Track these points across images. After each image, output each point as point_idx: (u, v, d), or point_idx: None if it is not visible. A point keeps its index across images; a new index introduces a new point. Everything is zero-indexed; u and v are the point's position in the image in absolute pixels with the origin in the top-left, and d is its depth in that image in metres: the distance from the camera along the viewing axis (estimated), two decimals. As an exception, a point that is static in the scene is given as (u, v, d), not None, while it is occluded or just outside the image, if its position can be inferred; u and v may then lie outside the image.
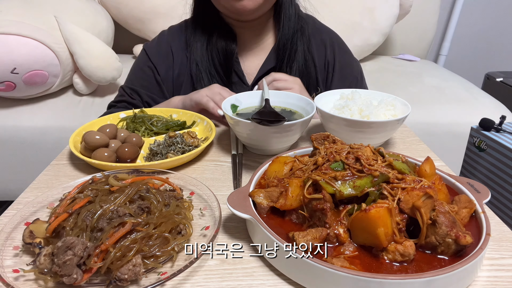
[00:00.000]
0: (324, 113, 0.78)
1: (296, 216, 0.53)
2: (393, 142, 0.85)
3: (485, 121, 1.05)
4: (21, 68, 1.38)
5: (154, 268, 0.47)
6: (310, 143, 0.69)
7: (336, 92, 0.89)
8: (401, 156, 0.58)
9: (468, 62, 2.74)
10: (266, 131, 0.72)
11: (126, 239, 0.46)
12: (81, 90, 1.63)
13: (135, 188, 0.53)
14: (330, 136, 0.63)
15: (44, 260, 0.44)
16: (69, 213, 0.50)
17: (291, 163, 0.61)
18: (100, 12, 1.81)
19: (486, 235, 0.48)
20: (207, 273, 0.48)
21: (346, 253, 0.47)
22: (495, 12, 2.57)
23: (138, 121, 0.88)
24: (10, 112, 1.55)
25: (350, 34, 1.90)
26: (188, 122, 0.91)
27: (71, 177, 0.70)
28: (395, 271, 0.45)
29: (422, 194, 0.47)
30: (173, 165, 0.73)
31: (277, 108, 0.86)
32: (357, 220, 0.47)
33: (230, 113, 0.78)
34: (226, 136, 0.87)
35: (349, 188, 0.50)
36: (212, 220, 0.55)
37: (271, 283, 0.47)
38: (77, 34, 1.51)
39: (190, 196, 0.61)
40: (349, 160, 0.53)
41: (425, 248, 0.48)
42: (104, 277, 0.46)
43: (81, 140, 0.75)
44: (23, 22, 1.41)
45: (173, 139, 0.80)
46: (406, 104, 0.81)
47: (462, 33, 2.61)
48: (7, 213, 0.60)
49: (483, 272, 0.48)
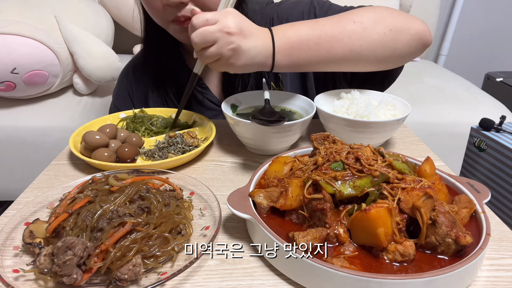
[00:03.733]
0: (324, 113, 0.78)
1: (296, 216, 0.53)
2: (393, 142, 0.85)
3: (485, 121, 1.05)
4: (21, 68, 1.38)
5: (154, 268, 0.47)
6: (310, 143, 0.69)
7: (336, 92, 0.89)
8: (401, 156, 0.58)
9: (468, 62, 2.74)
10: (266, 131, 0.72)
11: (126, 239, 0.46)
12: (81, 90, 1.63)
13: (135, 188, 0.53)
14: (330, 136, 0.63)
15: (44, 260, 0.44)
16: (69, 213, 0.50)
17: (291, 163, 0.61)
18: (100, 12, 1.82)
19: (486, 235, 0.48)
20: (207, 273, 0.48)
21: (346, 253, 0.47)
22: (495, 12, 2.57)
23: (138, 121, 0.88)
24: (10, 112, 1.55)
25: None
26: (188, 122, 0.91)
27: (71, 177, 0.70)
28: (395, 271, 0.45)
29: (422, 194, 0.47)
30: (173, 165, 0.73)
31: (277, 108, 0.86)
32: (357, 220, 0.47)
33: (230, 113, 0.78)
34: (226, 136, 0.87)
35: (349, 188, 0.50)
36: (212, 220, 0.55)
37: (271, 283, 0.47)
38: (77, 34, 1.51)
39: (190, 196, 0.61)
40: (349, 160, 0.53)
41: (425, 248, 0.48)
42: (104, 277, 0.46)
43: (81, 140, 0.75)
44: (23, 22, 1.41)
45: (173, 139, 0.80)
46: (406, 104, 0.81)
47: (462, 33, 2.61)
48: (7, 213, 0.60)
49: (483, 272, 0.48)
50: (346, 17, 0.75)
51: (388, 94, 0.87)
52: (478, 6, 2.54)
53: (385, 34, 0.75)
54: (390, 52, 0.78)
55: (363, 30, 0.74)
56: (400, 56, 0.80)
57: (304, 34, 0.72)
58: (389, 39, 0.76)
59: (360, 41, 0.74)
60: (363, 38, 0.74)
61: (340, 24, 0.74)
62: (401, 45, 0.78)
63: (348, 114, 0.79)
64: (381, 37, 0.75)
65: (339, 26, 0.73)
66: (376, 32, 0.74)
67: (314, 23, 0.74)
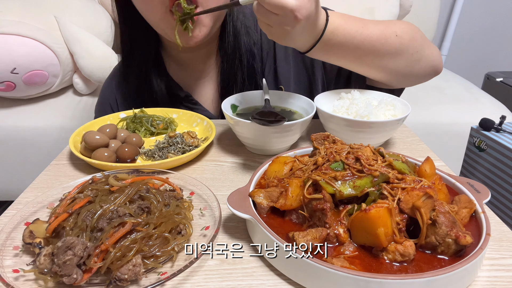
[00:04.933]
0: (324, 113, 0.78)
1: (296, 216, 0.53)
2: (393, 142, 0.85)
3: (485, 121, 1.05)
4: (21, 68, 1.38)
5: (154, 268, 0.47)
6: (310, 143, 0.69)
7: (336, 92, 0.89)
8: (401, 156, 0.58)
9: (468, 62, 2.74)
10: (266, 131, 0.72)
11: (126, 239, 0.46)
12: (81, 90, 1.63)
13: (135, 188, 0.53)
14: (330, 136, 0.63)
15: (44, 260, 0.44)
16: (69, 213, 0.50)
17: (291, 163, 0.61)
18: (100, 12, 1.82)
19: (486, 235, 0.48)
20: (207, 273, 0.48)
21: (346, 253, 0.47)
22: (495, 12, 2.57)
23: (138, 121, 0.88)
24: (10, 112, 1.55)
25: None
26: (189, 122, 0.91)
27: (71, 177, 0.70)
28: (395, 271, 0.45)
29: (422, 194, 0.47)
30: (173, 165, 0.73)
31: (277, 108, 0.86)
32: (357, 220, 0.47)
33: (230, 113, 0.78)
34: (226, 136, 0.87)
35: (349, 188, 0.50)
36: (212, 220, 0.55)
37: (271, 283, 0.47)
38: (77, 34, 1.52)
39: (190, 196, 0.61)
40: (349, 160, 0.53)
41: (425, 248, 0.48)
42: (104, 277, 0.46)
43: (81, 140, 0.75)
44: (23, 22, 1.41)
45: (173, 139, 0.80)
46: (406, 104, 0.81)
47: (462, 33, 2.61)
48: (7, 213, 0.60)
49: (483, 272, 0.48)
50: (390, 29, 0.77)
51: (388, 94, 0.87)
52: (478, 6, 2.54)
53: (412, 54, 0.79)
54: (409, 72, 0.82)
55: (400, 45, 0.77)
56: (414, 76, 0.85)
57: (351, 34, 0.73)
58: (414, 60, 0.80)
59: (393, 56, 0.78)
60: (396, 53, 0.77)
61: (383, 35, 0.76)
62: (419, 68, 0.82)
63: (348, 114, 0.79)
64: (409, 57, 0.79)
65: (383, 37, 0.75)
66: (407, 51, 0.78)
67: (363, 26, 0.75)
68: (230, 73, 0.96)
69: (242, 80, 0.97)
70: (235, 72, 0.96)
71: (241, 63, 0.96)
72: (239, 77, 0.97)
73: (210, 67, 1.02)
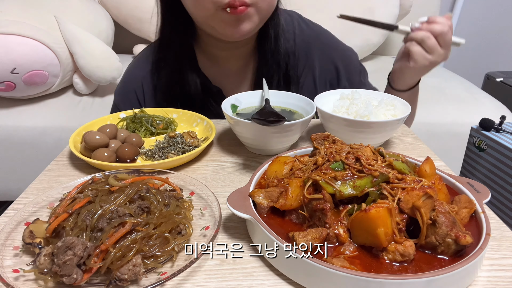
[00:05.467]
0: (324, 113, 0.78)
1: (296, 216, 0.53)
2: (393, 142, 0.85)
3: (485, 121, 1.05)
4: (21, 68, 1.38)
5: (154, 268, 0.47)
6: (310, 143, 0.69)
7: (336, 92, 0.89)
8: (401, 156, 0.58)
9: (468, 62, 2.74)
10: (266, 131, 0.72)
11: (126, 239, 0.46)
12: (81, 90, 1.63)
13: (135, 188, 0.53)
14: (330, 136, 0.63)
15: (44, 260, 0.44)
16: (69, 213, 0.50)
17: (291, 163, 0.61)
18: (100, 12, 1.82)
19: (486, 235, 0.48)
20: (207, 273, 0.48)
21: (346, 253, 0.47)
22: (495, 12, 2.57)
23: (138, 121, 0.88)
24: (10, 112, 1.55)
25: (350, 34, 1.89)
26: (189, 122, 0.91)
27: (71, 177, 0.70)
28: (395, 271, 0.45)
29: (422, 194, 0.47)
30: (173, 165, 0.73)
31: (277, 108, 0.86)
32: (357, 220, 0.47)
33: (230, 113, 0.78)
34: (226, 136, 0.87)
35: (349, 188, 0.50)
36: (212, 220, 0.55)
37: (271, 283, 0.47)
38: (77, 34, 1.52)
39: (190, 196, 0.61)
40: (349, 160, 0.53)
41: (425, 248, 0.48)
42: (104, 277, 0.46)
43: (81, 140, 0.75)
44: (23, 22, 1.41)
45: (173, 139, 0.80)
46: (406, 104, 0.81)
47: (462, 33, 2.61)
48: (7, 213, 0.60)
49: (483, 272, 0.48)
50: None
51: (388, 94, 0.87)
52: (478, 6, 2.54)
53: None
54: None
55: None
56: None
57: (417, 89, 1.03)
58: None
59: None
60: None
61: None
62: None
63: (348, 114, 0.79)
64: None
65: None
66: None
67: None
68: (266, 76, 0.97)
69: (278, 83, 1.00)
70: (272, 74, 0.99)
71: (279, 67, 0.99)
72: (275, 81, 1.00)
73: (244, 68, 1.04)
